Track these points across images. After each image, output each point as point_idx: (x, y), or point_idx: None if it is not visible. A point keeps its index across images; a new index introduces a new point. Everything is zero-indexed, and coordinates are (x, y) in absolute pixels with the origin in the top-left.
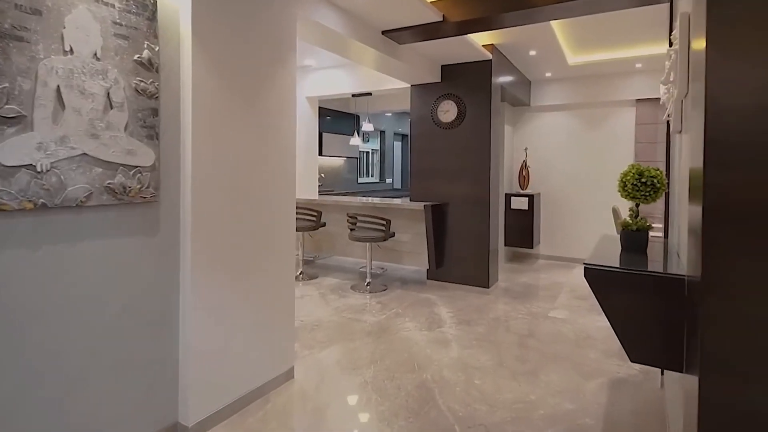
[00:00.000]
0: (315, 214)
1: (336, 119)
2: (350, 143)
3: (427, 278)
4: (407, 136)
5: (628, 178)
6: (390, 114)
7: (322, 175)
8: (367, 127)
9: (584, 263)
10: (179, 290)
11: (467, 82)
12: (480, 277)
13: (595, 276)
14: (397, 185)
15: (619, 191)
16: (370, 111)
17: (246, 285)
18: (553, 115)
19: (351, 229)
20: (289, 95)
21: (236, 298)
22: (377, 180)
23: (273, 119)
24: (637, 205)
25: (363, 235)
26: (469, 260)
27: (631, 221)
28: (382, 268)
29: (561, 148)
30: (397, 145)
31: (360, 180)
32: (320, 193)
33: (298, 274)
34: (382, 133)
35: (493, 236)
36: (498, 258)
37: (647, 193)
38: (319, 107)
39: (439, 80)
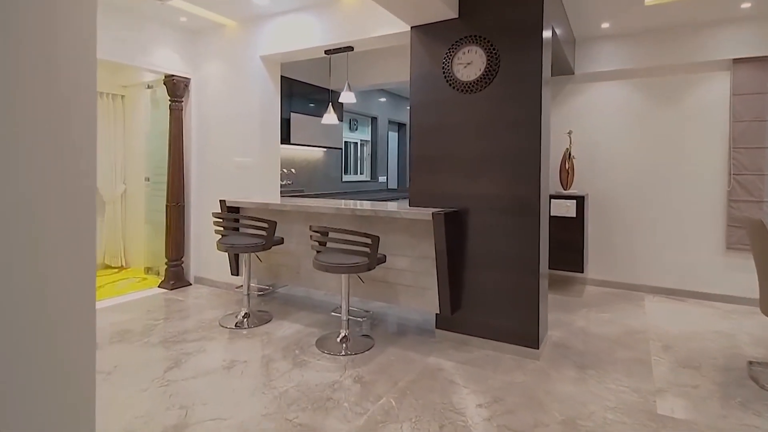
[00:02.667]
0: (266, 226)
1: (310, 96)
2: (323, 122)
3: (437, 326)
4: (404, 125)
5: None
6: (384, 99)
7: (293, 170)
8: (347, 97)
9: None
10: None
11: (502, 17)
12: (523, 329)
13: None
14: (393, 184)
15: None
16: (356, 86)
17: None
18: (606, 87)
19: (317, 251)
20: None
21: None
22: (367, 178)
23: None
24: None
25: (334, 262)
26: (505, 301)
27: None
28: (368, 311)
29: (618, 132)
30: (393, 135)
31: (345, 177)
32: (285, 194)
33: (241, 317)
34: (374, 120)
35: (544, 262)
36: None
37: None
38: (289, 80)
39: (456, 15)
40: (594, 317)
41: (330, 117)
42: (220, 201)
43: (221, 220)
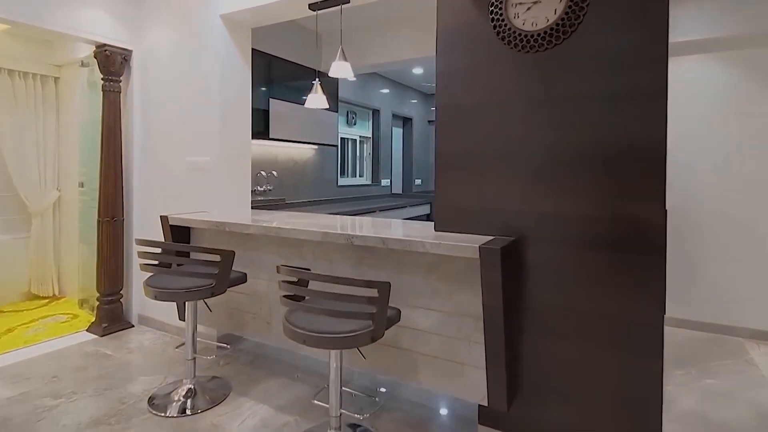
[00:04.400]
0: (219, 256)
1: (296, 78)
2: (307, 105)
3: (481, 422)
4: (410, 120)
5: None
6: (387, 90)
7: (274, 173)
8: (341, 70)
9: None
10: None
11: None
12: None
13: None
14: (397, 188)
15: None
16: (353, 67)
17: None
18: (689, 63)
19: (290, 309)
20: None
21: None
22: (368, 181)
23: None
24: None
25: (317, 330)
26: (597, 394)
27: None
28: (381, 390)
29: (705, 124)
30: (397, 132)
31: (342, 181)
32: (262, 204)
33: (181, 396)
34: (375, 113)
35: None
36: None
37: None
38: (267, 56)
39: None
40: (700, 387)
41: (317, 99)
42: (161, 218)
43: (157, 251)
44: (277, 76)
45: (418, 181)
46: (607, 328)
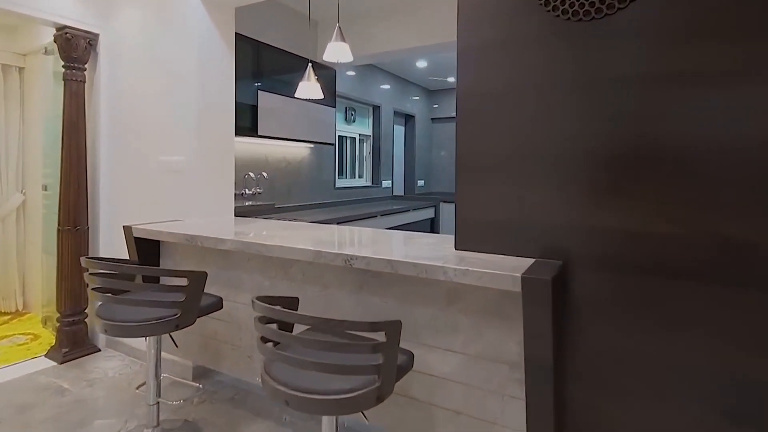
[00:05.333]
0: (187, 279)
1: (288, 69)
2: (298, 95)
3: None
4: (413, 117)
5: None
6: (388, 85)
7: (264, 174)
8: (337, 52)
9: None
10: None
11: None
12: None
13: None
14: (399, 190)
15: None
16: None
17: None
18: None
19: (267, 359)
20: None
21: None
22: (368, 183)
23: None
24: None
25: (304, 388)
26: None
27: None
28: None
29: None
30: (399, 130)
31: (339, 183)
32: (249, 211)
33: None
34: (376, 110)
35: None
36: None
37: None
38: (255, 43)
39: None
40: None
41: (309, 88)
42: (125, 228)
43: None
44: (266, 66)
45: (420, 182)
46: (691, 384)
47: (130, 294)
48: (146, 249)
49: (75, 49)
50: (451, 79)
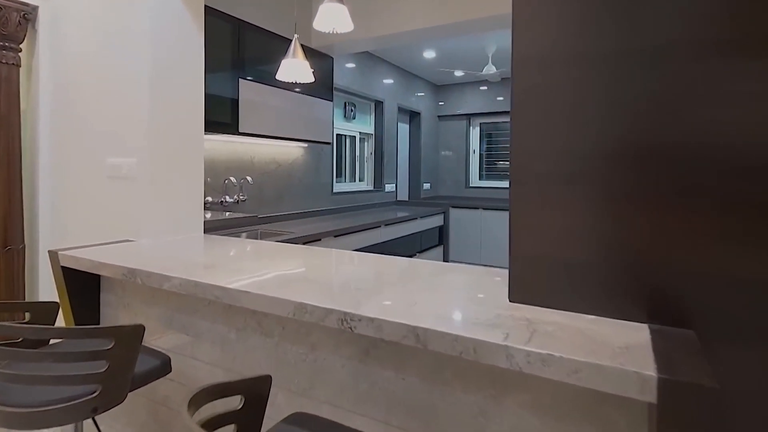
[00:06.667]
0: (113, 340)
1: (274, 53)
2: (279, 76)
3: None
4: (418, 114)
5: None
6: (391, 80)
7: (248, 179)
8: (331, 17)
9: None
10: None
11: None
12: None
13: None
14: (403, 194)
15: None
16: (351, 42)
17: None
18: None
19: None
20: None
21: None
22: (370, 186)
23: None
24: None
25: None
26: None
27: None
28: None
29: None
30: (403, 128)
31: (338, 186)
32: (225, 223)
33: None
34: (378, 106)
35: None
36: None
37: None
38: (235, 21)
39: None
40: None
41: (294, 67)
42: (50, 254)
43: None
44: (249, 50)
45: (426, 185)
46: None
47: (29, 363)
48: (81, 281)
49: (5, 24)
50: (459, 73)
